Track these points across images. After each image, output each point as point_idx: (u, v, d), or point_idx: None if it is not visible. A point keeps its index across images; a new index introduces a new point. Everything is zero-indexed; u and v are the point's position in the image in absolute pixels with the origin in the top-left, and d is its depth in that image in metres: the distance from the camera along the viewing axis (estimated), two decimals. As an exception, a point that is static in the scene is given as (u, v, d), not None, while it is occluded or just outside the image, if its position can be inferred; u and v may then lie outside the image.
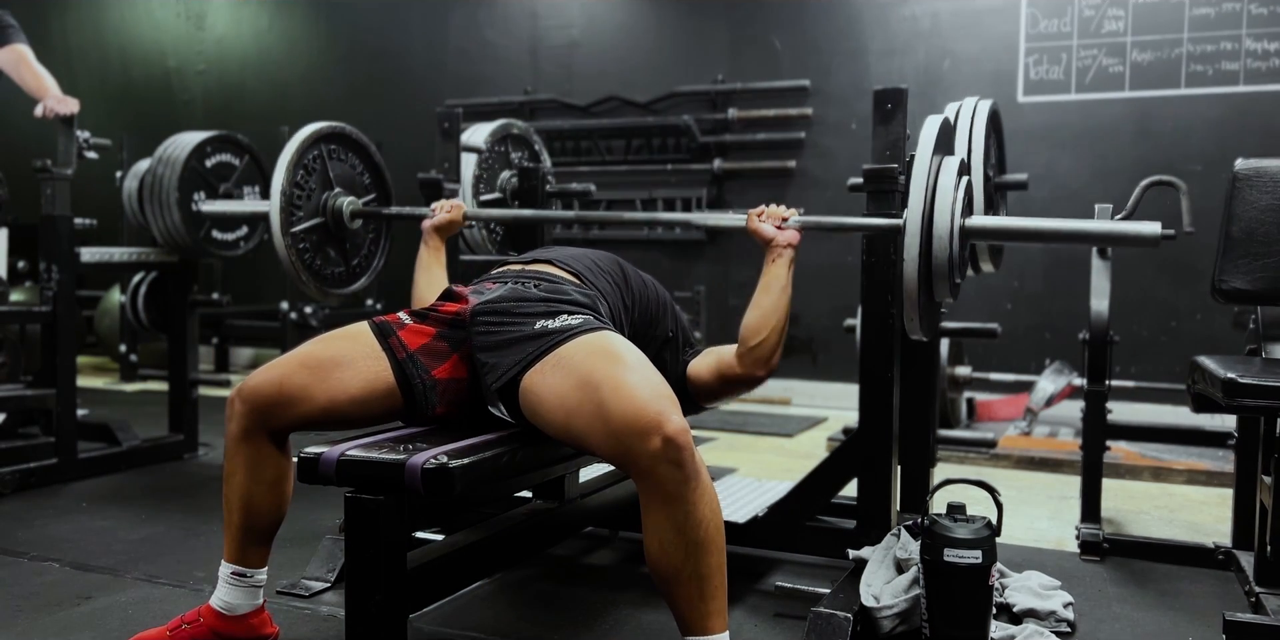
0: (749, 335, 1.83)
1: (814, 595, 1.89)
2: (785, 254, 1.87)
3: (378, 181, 2.61)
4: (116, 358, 5.45)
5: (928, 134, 1.67)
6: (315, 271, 2.41)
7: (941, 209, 1.63)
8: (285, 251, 2.29)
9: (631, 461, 1.33)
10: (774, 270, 1.87)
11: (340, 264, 2.51)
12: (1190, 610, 2.01)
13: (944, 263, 1.64)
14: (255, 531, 1.60)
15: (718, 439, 3.97)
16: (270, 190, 2.29)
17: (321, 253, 2.43)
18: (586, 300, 1.65)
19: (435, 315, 1.68)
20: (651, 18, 5.29)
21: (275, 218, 2.26)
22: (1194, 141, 4.30)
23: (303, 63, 6.10)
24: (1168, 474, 3.27)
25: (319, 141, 2.41)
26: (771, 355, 1.85)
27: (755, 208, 1.93)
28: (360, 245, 2.58)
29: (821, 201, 4.87)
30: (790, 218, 1.90)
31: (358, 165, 2.55)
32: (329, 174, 2.42)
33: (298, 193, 2.34)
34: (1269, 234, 2.00)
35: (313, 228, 2.39)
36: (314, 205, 2.40)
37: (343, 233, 2.48)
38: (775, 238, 1.88)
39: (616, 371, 1.39)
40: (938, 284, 1.67)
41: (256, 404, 1.53)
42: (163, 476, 3.11)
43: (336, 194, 2.43)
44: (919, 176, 1.62)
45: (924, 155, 1.64)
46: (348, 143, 2.51)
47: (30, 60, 3.14)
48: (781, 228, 1.90)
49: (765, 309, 1.83)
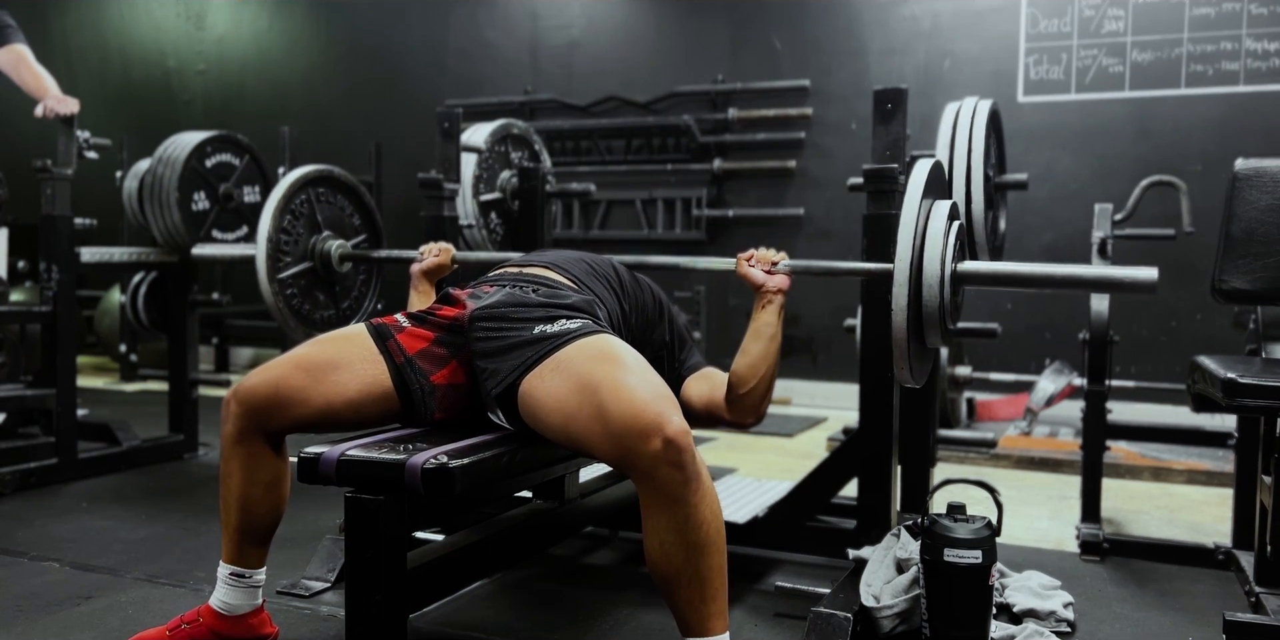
0: (737, 383, 1.79)
1: (814, 595, 1.89)
2: (775, 300, 1.82)
3: (367, 222, 2.59)
4: (116, 358, 5.45)
5: (917, 178, 1.63)
6: (304, 316, 2.39)
7: (931, 256, 1.59)
8: (273, 298, 2.27)
9: (632, 463, 1.32)
10: (764, 317, 1.81)
11: (330, 307, 2.48)
12: (1190, 610, 2.01)
13: (934, 310, 1.60)
14: (253, 532, 1.60)
15: (718, 439, 3.97)
16: (257, 236, 2.26)
17: (310, 297, 2.41)
18: (585, 304, 1.64)
19: (433, 319, 1.67)
20: (651, 18, 5.29)
21: (261, 264, 2.24)
22: (1194, 141, 4.30)
23: (303, 63, 6.10)
24: (1168, 474, 3.27)
25: (306, 186, 2.38)
26: (760, 403, 1.81)
27: (744, 252, 1.88)
28: (351, 288, 2.55)
29: (821, 201, 4.88)
30: (780, 262, 1.85)
31: (347, 207, 2.52)
32: (317, 218, 2.40)
33: (285, 238, 2.32)
34: (1269, 234, 2.00)
35: (301, 273, 2.37)
36: (302, 250, 2.38)
37: (332, 276, 2.45)
38: (765, 284, 1.82)
39: (616, 373, 1.39)
40: (928, 331, 1.64)
41: (252, 405, 1.53)
42: (163, 476, 3.11)
43: (325, 237, 2.41)
44: (907, 221, 1.58)
45: (913, 200, 1.60)
46: (336, 185, 2.48)
47: (30, 60, 3.14)
48: (771, 272, 1.84)
49: (754, 357, 1.78)
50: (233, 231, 3.35)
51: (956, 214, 1.68)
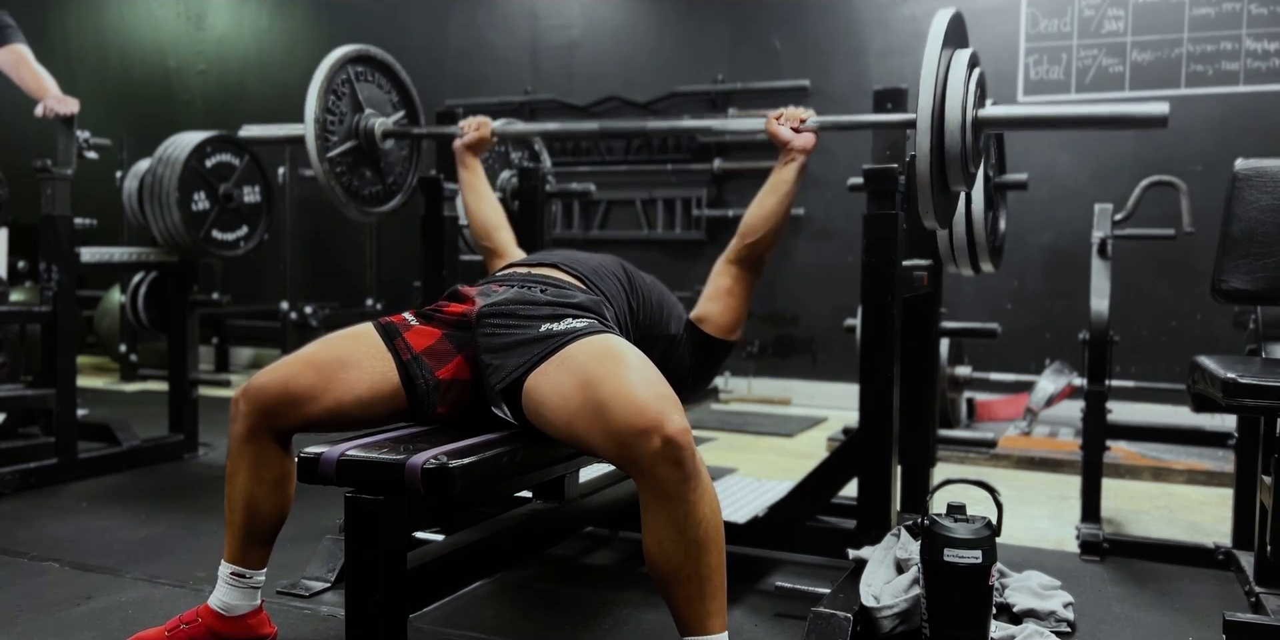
0: (748, 231, 1.96)
1: (814, 595, 1.89)
2: (798, 159, 1.97)
3: (405, 100, 2.62)
4: (116, 358, 5.45)
5: (938, 26, 1.68)
6: (354, 192, 2.44)
7: (953, 102, 1.65)
8: (324, 176, 2.32)
9: (632, 461, 1.33)
10: (784, 173, 1.97)
11: (377, 183, 2.54)
12: (1190, 610, 2.01)
13: (956, 154, 1.66)
14: (257, 532, 1.60)
15: (718, 439, 3.97)
16: (304, 117, 2.30)
17: (357, 173, 2.46)
18: (592, 304, 1.65)
19: (441, 316, 1.69)
20: (651, 18, 5.29)
21: (312, 144, 2.28)
22: (1194, 141, 4.30)
23: (303, 63, 6.07)
24: (1168, 474, 3.27)
25: (345, 65, 2.42)
26: (766, 252, 1.99)
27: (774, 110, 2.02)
28: (394, 164, 2.61)
29: (821, 201, 4.88)
30: (807, 119, 1.98)
31: (385, 85, 2.56)
32: (358, 96, 2.44)
33: (330, 118, 2.36)
34: (1269, 234, 2.00)
35: (348, 151, 2.41)
36: (347, 128, 2.42)
37: (376, 153, 2.50)
38: (791, 141, 1.97)
39: (618, 372, 1.39)
40: (951, 172, 1.70)
41: (262, 404, 1.53)
42: (163, 476, 3.11)
43: (368, 115, 2.45)
44: (929, 70, 1.64)
45: (933, 48, 1.65)
46: (374, 64, 2.52)
47: (29, 60, 3.14)
48: (799, 130, 1.97)
49: (769, 209, 1.96)
50: (233, 231, 3.36)
51: (976, 62, 1.73)
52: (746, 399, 4.97)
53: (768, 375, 5.03)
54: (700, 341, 1.97)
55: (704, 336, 1.98)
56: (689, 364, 1.96)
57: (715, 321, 1.99)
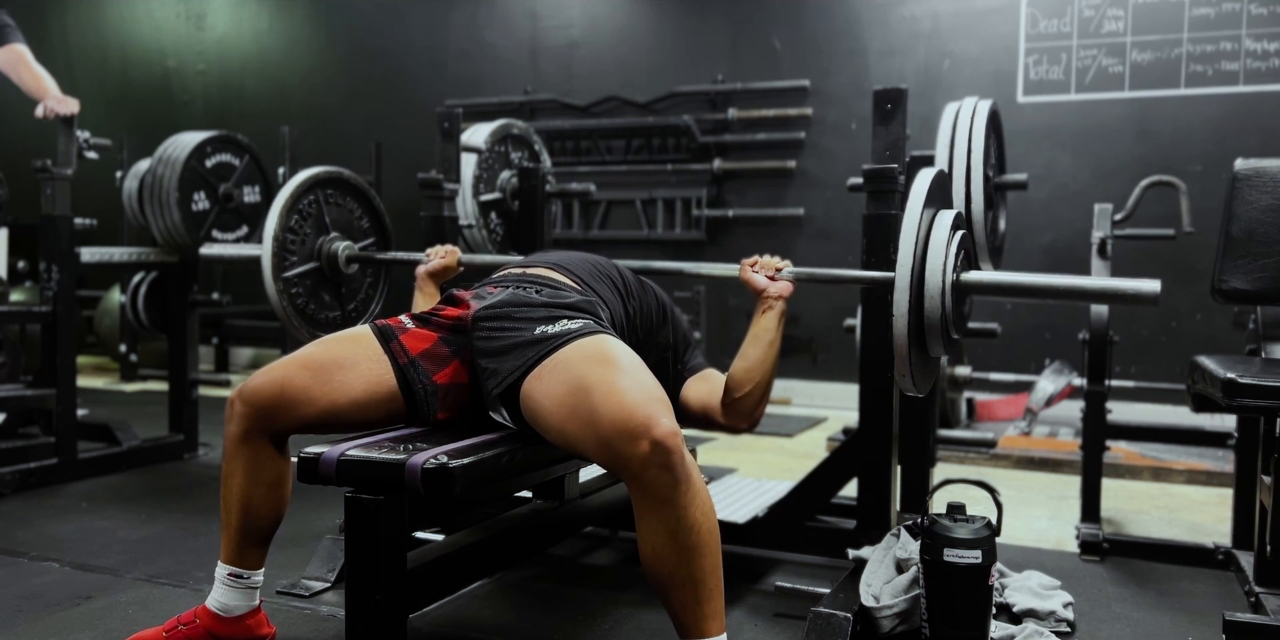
0: (734, 387, 1.80)
1: (814, 595, 1.89)
2: (776, 306, 1.82)
3: (376, 225, 2.59)
4: (116, 358, 5.45)
5: (919, 187, 1.62)
6: (309, 317, 2.38)
7: (934, 265, 1.58)
8: (276, 296, 2.27)
9: (622, 465, 1.32)
10: (763, 322, 1.81)
11: (335, 308, 2.48)
12: (1190, 610, 2.01)
13: (936, 320, 1.60)
14: (253, 533, 1.60)
15: (717, 439, 3.96)
16: (263, 235, 2.27)
17: (316, 297, 2.41)
18: (586, 305, 1.64)
19: (437, 320, 1.68)
20: (651, 18, 5.29)
21: (267, 262, 2.24)
22: (1194, 141, 4.30)
23: (303, 63, 6.10)
24: (1168, 474, 3.27)
25: (315, 187, 2.38)
26: (755, 409, 1.81)
27: (749, 257, 1.88)
28: (357, 290, 2.55)
29: (821, 201, 4.88)
30: (784, 269, 1.85)
31: (355, 209, 2.52)
32: (325, 219, 2.40)
33: (291, 237, 2.32)
34: (1269, 234, 2.00)
35: (306, 273, 2.37)
36: (309, 250, 2.38)
37: (339, 277, 2.45)
38: (767, 289, 1.82)
39: (608, 375, 1.39)
40: (930, 340, 1.63)
41: (257, 405, 1.53)
42: (163, 476, 3.11)
43: (332, 239, 2.41)
44: (909, 229, 1.58)
45: (915, 208, 1.60)
46: (345, 187, 2.48)
47: (29, 60, 3.14)
48: (774, 278, 1.84)
49: (751, 362, 1.79)
50: (233, 231, 3.36)
51: (960, 224, 1.67)
52: (746, 399, 4.96)
53: (768, 375, 5.02)
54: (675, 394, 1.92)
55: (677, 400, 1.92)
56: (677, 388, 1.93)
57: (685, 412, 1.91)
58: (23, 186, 3.39)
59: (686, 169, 5.11)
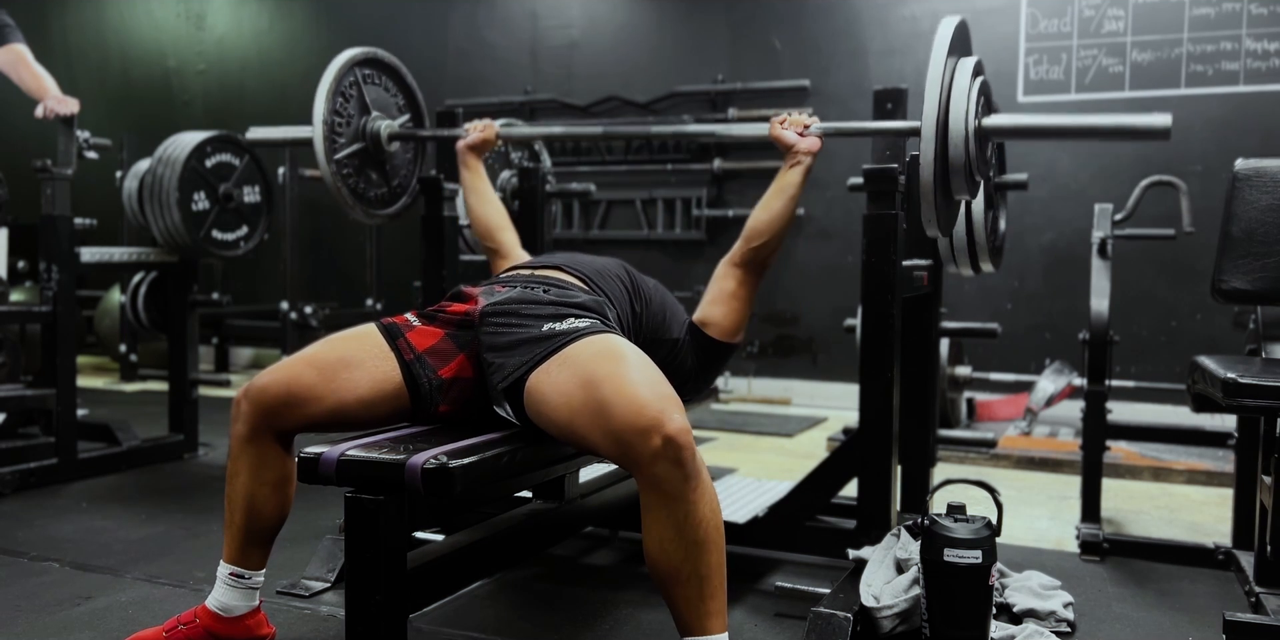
0: (753, 235, 1.97)
1: (814, 595, 1.89)
2: (804, 161, 1.99)
3: (411, 104, 2.63)
4: (116, 358, 5.45)
5: (943, 35, 1.68)
6: (359, 194, 2.46)
7: (956, 111, 1.65)
8: (331, 178, 2.34)
9: (632, 460, 1.33)
10: (789, 176, 1.99)
11: (382, 185, 2.55)
12: (1190, 610, 2.01)
13: (960, 163, 1.66)
14: (256, 533, 1.60)
15: (718, 439, 3.97)
16: (313, 118, 2.31)
17: (363, 176, 2.48)
18: (594, 304, 1.65)
19: (443, 316, 1.69)
20: (651, 18, 5.29)
21: (319, 145, 2.30)
22: (1194, 141, 4.30)
23: (303, 63, 6.10)
24: (1168, 474, 3.27)
25: (354, 67, 2.43)
26: (771, 255, 2.00)
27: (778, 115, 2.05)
28: (400, 166, 2.62)
29: (821, 201, 4.88)
30: (811, 125, 2.00)
31: (391, 88, 2.58)
32: (365, 99, 2.46)
33: (338, 120, 2.37)
34: (1269, 234, 2.00)
35: (354, 153, 2.43)
36: (354, 130, 2.43)
37: (382, 155, 2.51)
38: (796, 144, 1.99)
39: (619, 371, 1.40)
40: (954, 181, 1.69)
41: (264, 405, 1.53)
42: (163, 476, 3.11)
43: (374, 118, 2.47)
44: (934, 78, 1.64)
45: (939, 56, 1.65)
46: (381, 67, 2.54)
47: (29, 60, 3.14)
48: (803, 134, 2.00)
49: (774, 212, 1.97)
50: (233, 231, 3.36)
51: (980, 70, 1.72)
52: (746, 399, 4.97)
53: (768, 375, 5.03)
54: (703, 344, 1.97)
55: (707, 339, 1.97)
56: (691, 366, 1.96)
57: (719, 324, 1.99)
58: (23, 186, 3.39)
59: (686, 169, 5.11)
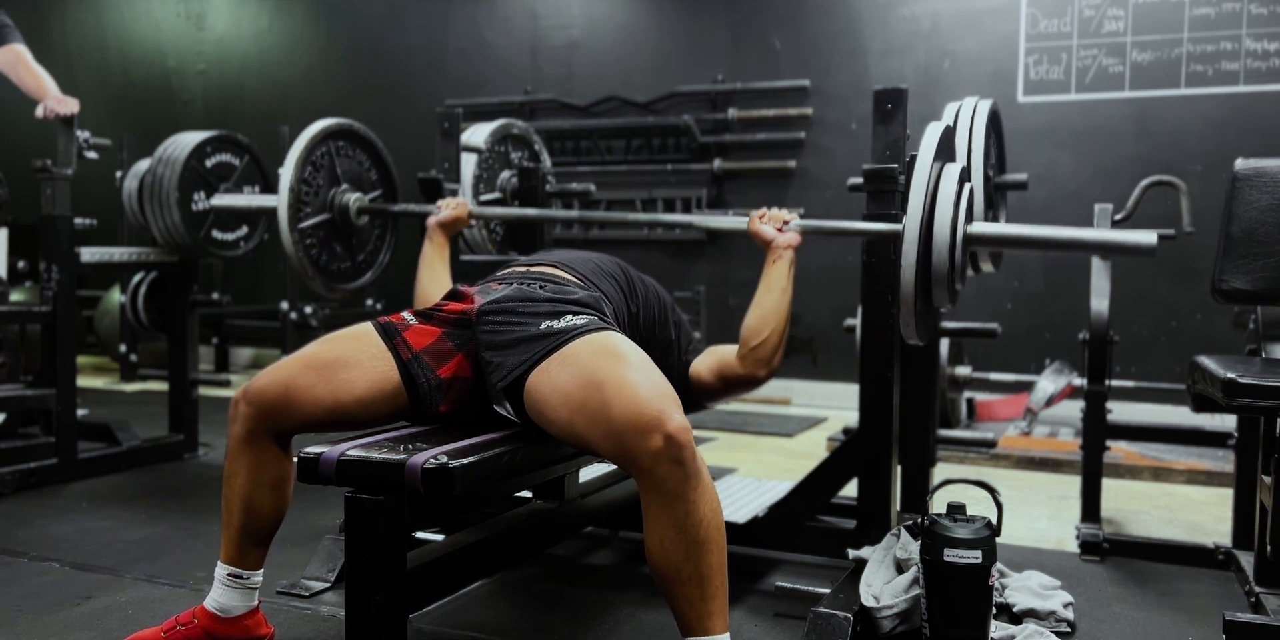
0: (750, 336, 1.89)
1: (814, 595, 1.89)
2: (786, 256, 1.92)
3: (384, 178, 2.62)
4: (116, 358, 5.45)
5: (929, 140, 1.67)
6: (321, 267, 2.43)
7: (942, 216, 1.62)
8: (292, 247, 2.31)
9: (632, 460, 1.33)
10: (774, 271, 1.92)
11: (346, 259, 2.53)
12: (1190, 610, 2.01)
13: (943, 270, 1.63)
14: (254, 533, 1.60)
15: (718, 439, 3.96)
16: (279, 186, 2.30)
17: (328, 248, 2.45)
18: (591, 300, 1.65)
19: (440, 315, 1.69)
20: (651, 18, 5.29)
21: (283, 213, 2.28)
22: (1194, 141, 4.30)
23: (303, 63, 6.10)
24: (1168, 474, 3.26)
25: (327, 138, 2.42)
26: (773, 356, 1.90)
27: (757, 210, 1.97)
28: (366, 241, 2.60)
29: (821, 201, 4.87)
30: (791, 221, 1.94)
31: (365, 162, 2.56)
32: (336, 170, 2.44)
33: (305, 189, 2.36)
34: (1269, 234, 2.00)
35: (320, 224, 2.41)
36: (321, 201, 2.42)
37: (349, 228, 2.50)
38: (775, 240, 1.93)
39: (619, 370, 1.40)
40: (936, 290, 1.67)
41: (262, 405, 1.53)
42: (163, 476, 3.11)
43: (343, 190, 2.46)
44: (919, 183, 1.62)
45: (924, 161, 1.63)
46: (355, 139, 2.52)
47: (28, 60, 3.14)
48: (782, 230, 1.94)
49: (766, 310, 1.89)
50: (233, 231, 3.36)
51: (967, 177, 1.72)
52: (746, 399, 4.97)
53: (768, 375, 5.03)
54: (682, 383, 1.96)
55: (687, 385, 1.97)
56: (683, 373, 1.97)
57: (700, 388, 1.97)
58: (23, 186, 3.39)
59: (686, 169, 5.11)
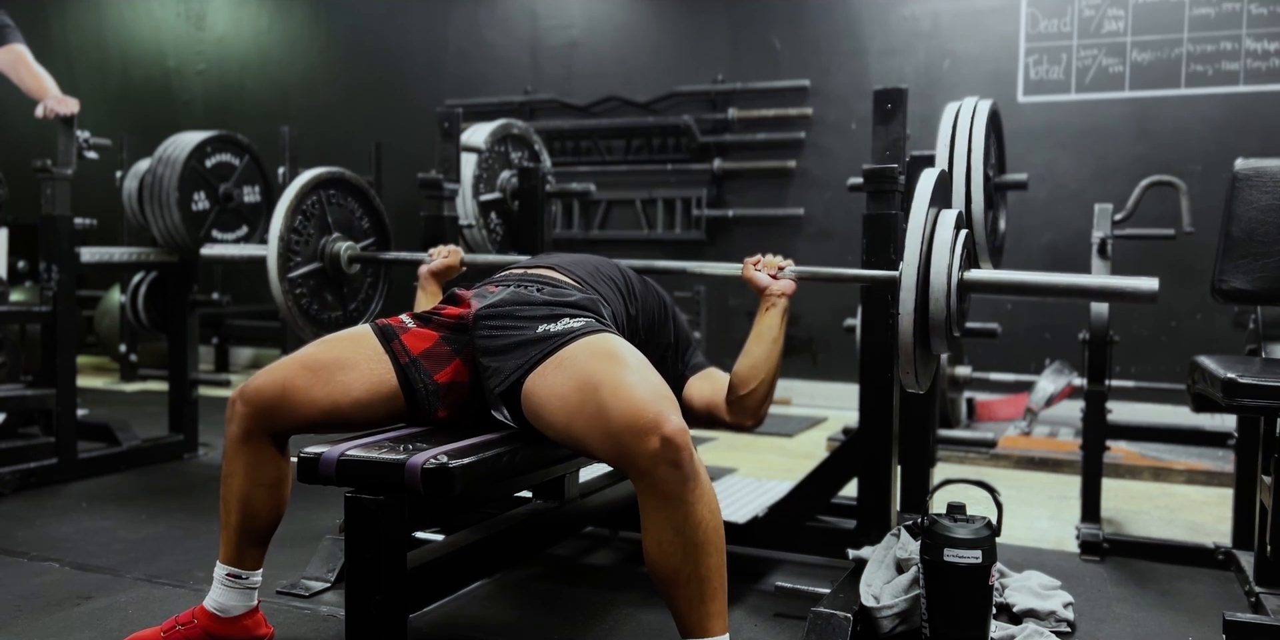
0: (738, 384, 1.82)
1: (814, 595, 1.89)
2: (779, 303, 1.84)
3: (376, 225, 2.61)
4: (116, 358, 5.45)
5: (924, 186, 1.64)
6: (312, 316, 2.40)
7: (938, 264, 1.60)
8: (282, 297, 2.28)
9: (630, 462, 1.33)
10: (767, 320, 1.84)
11: (338, 308, 2.50)
12: (1190, 610, 2.01)
13: (941, 318, 1.61)
14: (252, 533, 1.60)
15: (718, 439, 3.96)
16: (268, 235, 2.28)
17: (319, 297, 2.43)
18: (588, 303, 1.65)
19: (438, 319, 1.69)
20: (651, 18, 5.29)
21: (272, 263, 2.26)
22: (1194, 141, 4.30)
23: (303, 63, 6.10)
24: (1168, 474, 3.27)
25: (318, 187, 2.40)
26: (760, 406, 1.83)
27: (751, 257, 1.90)
28: (358, 289, 2.57)
29: (821, 201, 4.88)
30: (786, 267, 1.87)
31: (356, 210, 2.54)
32: (327, 219, 2.42)
33: (295, 238, 2.34)
34: (1269, 234, 2.00)
35: (310, 273, 2.39)
36: (312, 250, 2.39)
37: (340, 277, 2.47)
38: (769, 287, 1.85)
39: (616, 372, 1.39)
40: (935, 338, 1.64)
41: (259, 406, 1.53)
42: (163, 476, 3.11)
43: (335, 239, 2.43)
44: (914, 229, 1.59)
45: (920, 208, 1.61)
46: (346, 188, 2.50)
47: (29, 60, 3.14)
48: (776, 277, 1.86)
49: (756, 359, 1.81)
50: (233, 231, 3.36)
51: (963, 223, 1.68)
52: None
53: (768, 375, 5.02)
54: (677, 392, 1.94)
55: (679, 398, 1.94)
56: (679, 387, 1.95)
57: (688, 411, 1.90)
58: (23, 186, 3.39)
59: (686, 169, 5.11)
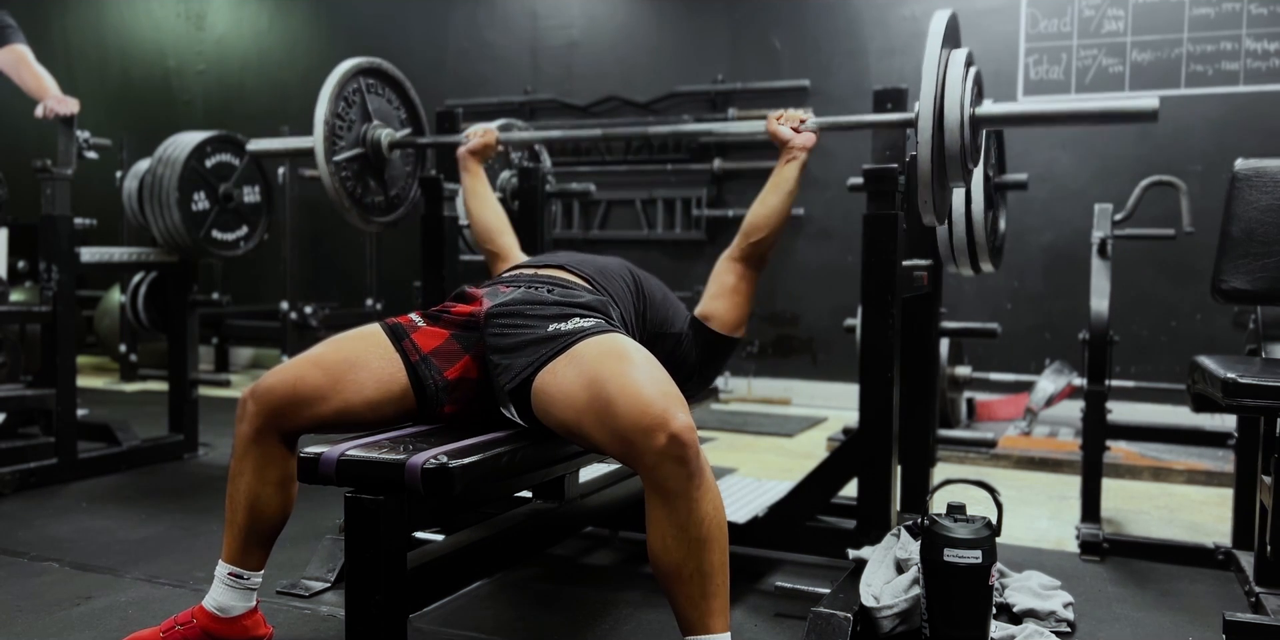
0: (752, 230, 1.99)
1: (814, 595, 1.89)
2: (799, 156, 2.00)
3: (413, 118, 2.65)
4: (116, 358, 5.45)
5: (936, 27, 1.72)
6: (357, 199, 2.47)
7: (951, 98, 1.68)
8: (330, 179, 2.35)
9: (636, 458, 1.33)
10: (786, 171, 2.00)
11: (380, 193, 2.57)
12: (1190, 610, 2.01)
13: (956, 151, 1.69)
14: (258, 533, 1.60)
15: (718, 439, 3.97)
16: (315, 119, 2.33)
17: (362, 182, 2.49)
18: (598, 304, 1.67)
19: (448, 317, 1.69)
20: (651, 18, 5.29)
21: (320, 145, 2.32)
22: (1194, 141, 4.30)
23: (303, 63, 6.10)
24: (1168, 474, 3.27)
25: (358, 75, 2.45)
26: (769, 250, 2.01)
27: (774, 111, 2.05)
28: (398, 177, 2.63)
29: (821, 201, 4.88)
30: (807, 120, 2.01)
31: (394, 100, 2.60)
32: (368, 107, 2.47)
33: (339, 123, 2.39)
34: (1269, 234, 2.00)
35: (354, 157, 2.45)
36: (354, 136, 2.45)
37: (381, 163, 2.53)
38: (792, 140, 2.00)
39: (624, 370, 1.40)
40: (951, 169, 1.73)
41: (270, 405, 1.53)
42: (163, 476, 3.11)
43: (375, 126, 2.48)
44: (929, 69, 1.68)
45: (933, 48, 1.68)
46: (384, 78, 2.55)
47: (30, 60, 3.14)
48: (799, 130, 2.00)
49: (771, 207, 1.98)
50: (232, 231, 3.36)
51: (971, 61, 1.76)
52: (746, 399, 4.97)
53: (768, 375, 5.03)
54: (707, 339, 1.98)
55: (711, 333, 1.99)
56: (694, 360, 1.97)
57: (721, 319, 2.00)
58: (23, 186, 3.39)
59: (686, 169, 5.11)
